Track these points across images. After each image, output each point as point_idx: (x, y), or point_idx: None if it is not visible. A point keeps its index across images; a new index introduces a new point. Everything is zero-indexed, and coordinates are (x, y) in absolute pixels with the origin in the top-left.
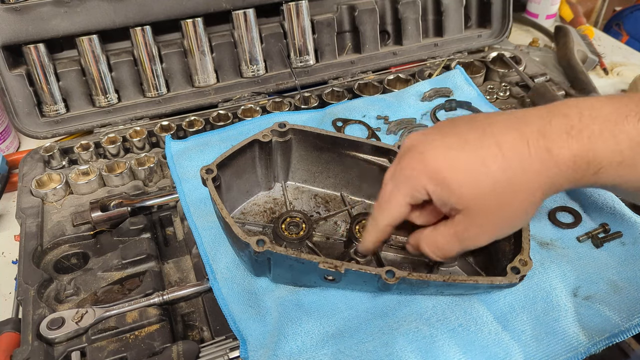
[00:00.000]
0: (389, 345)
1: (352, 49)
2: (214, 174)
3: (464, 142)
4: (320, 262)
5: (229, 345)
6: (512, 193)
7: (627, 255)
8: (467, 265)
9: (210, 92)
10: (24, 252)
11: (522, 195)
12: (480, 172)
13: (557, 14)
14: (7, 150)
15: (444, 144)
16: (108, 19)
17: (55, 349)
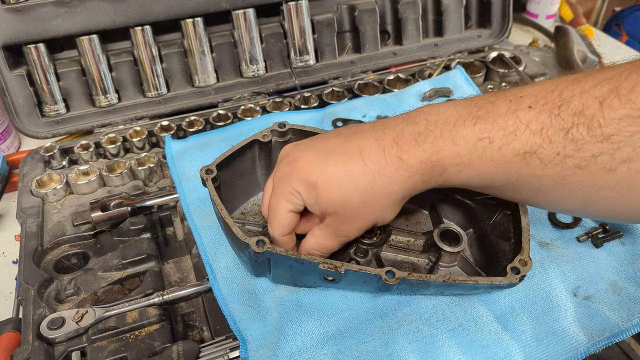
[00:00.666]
0: (389, 346)
1: (352, 49)
2: (213, 174)
3: (330, 151)
4: (320, 263)
5: (229, 345)
6: (374, 196)
7: (627, 255)
8: (467, 265)
9: (210, 92)
10: (25, 252)
11: (383, 197)
12: (344, 178)
13: (557, 14)
14: (7, 150)
15: (314, 151)
16: (108, 19)
17: (56, 348)
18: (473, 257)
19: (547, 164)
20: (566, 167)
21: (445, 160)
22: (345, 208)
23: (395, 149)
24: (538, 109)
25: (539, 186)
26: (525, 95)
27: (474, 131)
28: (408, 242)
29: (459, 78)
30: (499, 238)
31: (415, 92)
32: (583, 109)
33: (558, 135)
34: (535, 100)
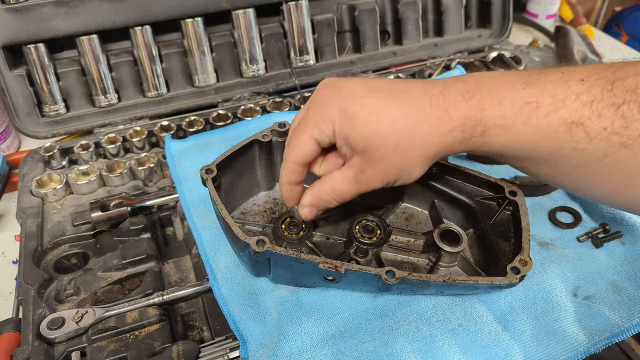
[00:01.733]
0: (389, 346)
1: (352, 48)
2: (213, 174)
3: (376, 87)
4: (320, 262)
5: (229, 345)
6: (410, 143)
7: (627, 255)
8: (467, 265)
9: (210, 92)
10: (24, 252)
11: (419, 147)
12: (385, 116)
13: (557, 14)
14: (7, 150)
15: (360, 84)
16: (108, 19)
17: (56, 348)
18: (473, 257)
19: (592, 139)
20: (611, 143)
21: (489, 120)
22: (377, 148)
23: (441, 100)
24: (591, 82)
25: (578, 162)
26: (578, 70)
27: (523, 94)
28: (408, 242)
29: None
30: (499, 238)
31: None
32: (636, 87)
33: (608, 110)
34: (589, 74)
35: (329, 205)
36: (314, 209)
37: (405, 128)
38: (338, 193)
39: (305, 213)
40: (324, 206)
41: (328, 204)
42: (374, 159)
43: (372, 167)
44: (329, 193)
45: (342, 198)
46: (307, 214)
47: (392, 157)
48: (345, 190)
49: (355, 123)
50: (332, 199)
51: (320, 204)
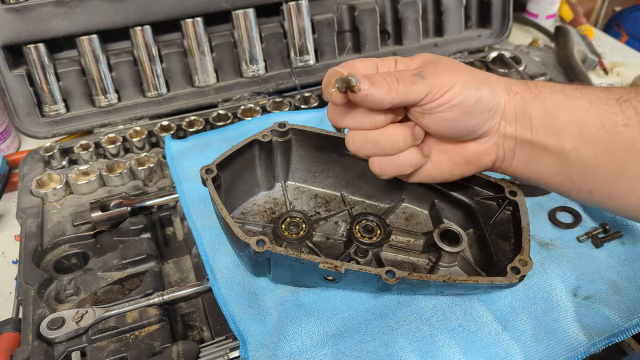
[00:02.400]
0: (389, 346)
1: (352, 48)
2: (213, 174)
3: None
4: (320, 262)
5: (229, 345)
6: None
7: (627, 255)
8: (467, 265)
9: (210, 92)
10: (24, 252)
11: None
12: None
13: (557, 14)
14: (7, 150)
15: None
16: (108, 19)
17: (56, 348)
18: (473, 257)
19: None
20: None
21: (543, 88)
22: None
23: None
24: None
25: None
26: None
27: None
28: (408, 242)
29: None
30: (499, 238)
31: None
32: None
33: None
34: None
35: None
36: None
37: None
38: (398, 74)
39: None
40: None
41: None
42: (440, 62)
43: (439, 65)
44: (390, 72)
45: (400, 78)
46: (359, 78)
47: (460, 65)
48: (404, 74)
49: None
50: (392, 76)
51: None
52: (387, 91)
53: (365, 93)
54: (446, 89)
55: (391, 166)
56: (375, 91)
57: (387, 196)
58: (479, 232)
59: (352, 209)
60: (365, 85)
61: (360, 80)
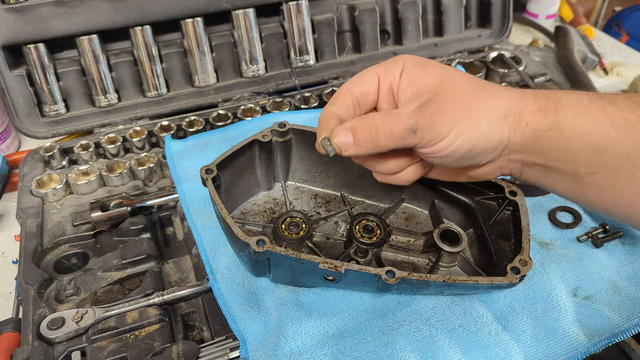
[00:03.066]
0: (389, 346)
1: (352, 48)
2: (213, 174)
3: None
4: (320, 262)
5: (229, 345)
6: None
7: (627, 255)
8: (467, 265)
9: (210, 92)
10: (24, 252)
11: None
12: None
13: (557, 14)
14: (7, 150)
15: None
16: (108, 19)
17: (56, 349)
18: (473, 257)
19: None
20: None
21: (562, 97)
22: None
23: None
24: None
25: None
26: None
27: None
28: (408, 242)
29: None
30: (499, 238)
31: None
32: None
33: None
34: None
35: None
36: (349, 137)
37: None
38: (388, 126)
39: (340, 139)
40: (364, 137)
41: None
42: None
43: (439, 105)
44: (380, 122)
45: (390, 134)
46: (341, 140)
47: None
48: (396, 127)
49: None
50: (380, 131)
51: (362, 133)
52: (371, 148)
53: (350, 153)
54: (437, 141)
55: (390, 181)
56: (358, 149)
57: (387, 196)
58: (479, 232)
59: (352, 209)
60: (347, 144)
61: (341, 140)
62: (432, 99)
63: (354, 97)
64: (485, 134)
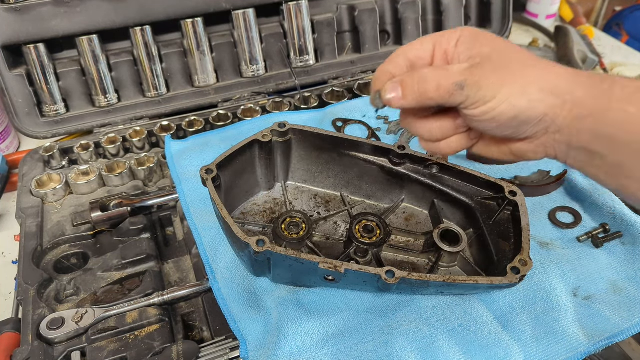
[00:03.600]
0: (389, 345)
1: (352, 49)
2: (213, 174)
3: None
4: (320, 262)
5: (229, 345)
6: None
7: (627, 255)
8: (467, 265)
9: (210, 92)
10: (24, 252)
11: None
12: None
13: (557, 14)
14: (7, 150)
15: None
16: (108, 19)
17: (55, 349)
18: (473, 257)
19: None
20: None
21: (617, 82)
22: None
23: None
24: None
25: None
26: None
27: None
28: (408, 242)
29: None
30: (499, 238)
31: None
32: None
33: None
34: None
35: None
36: (399, 91)
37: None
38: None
39: (390, 93)
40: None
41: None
42: (494, 63)
43: (489, 69)
44: (430, 75)
45: (437, 87)
46: (391, 94)
47: (514, 67)
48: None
49: (484, 35)
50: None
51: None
52: (418, 100)
53: (396, 105)
54: (481, 103)
55: (433, 149)
56: (404, 102)
57: (387, 196)
58: (479, 232)
59: (352, 209)
60: (395, 96)
61: (389, 93)
62: (482, 64)
63: (409, 59)
64: (529, 104)
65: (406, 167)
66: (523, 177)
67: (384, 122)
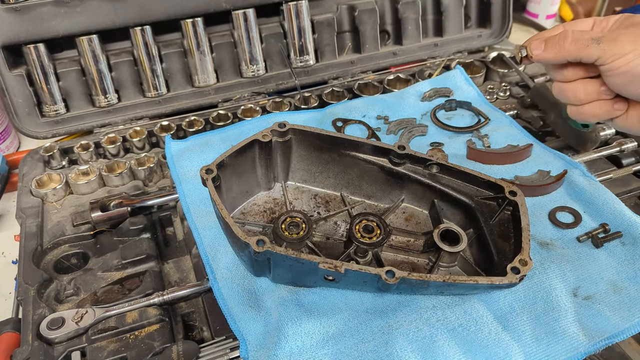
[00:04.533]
0: (389, 345)
1: (352, 49)
2: (214, 174)
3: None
4: (320, 262)
5: (229, 345)
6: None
7: (627, 255)
8: (467, 265)
9: (210, 92)
10: (24, 252)
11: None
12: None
13: (557, 14)
14: (7, 150)
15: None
16: (108, 19)
17: (55, 349)
18: (473, 257)
19: None
20: None
21: None
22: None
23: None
24: None
25: None
26: None
27: None
28: (408, 242)
29: (458, 78)
30: (499, 238)
31: (415, 92)
32: None
33: None
34: None
35: (557, 45)
36: (542, 45)
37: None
38: (576, 34)
39: (534, 45)
40: (553, 43)
41: (558, 43)
42: (634, 26)
43: (626, 30)
44: (571, 30)
45: (575, 39)
46: (534, 46)
47: None
48: (582, 36)
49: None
50: (568, 37)
51: (552, 40)
52: (555, 53)
53: (537, 58)
54: (616, 57)
55: (576, 114)
56: (545, 54)
57: (387, 196)
58: (479, 232)
59: (352, 209)
60: (538, 52)
61: (533, 48)
62: (624, 28)
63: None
64: None
65: (406, 167)
66: (523, 177)
67: (384, 122)
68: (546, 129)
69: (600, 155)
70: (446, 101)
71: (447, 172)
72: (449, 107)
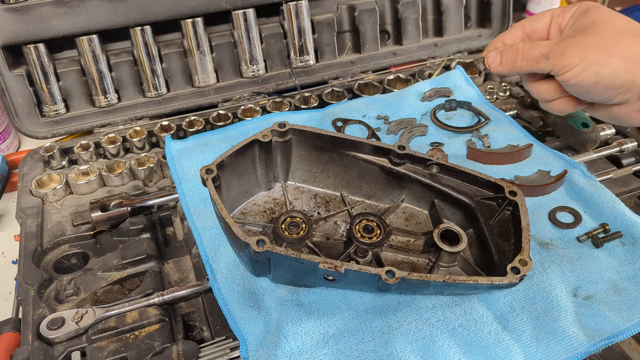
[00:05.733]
0: (389, 345)
1: (352, 49)
2: (214, 174)
3: None
4: (320, 262)
5: (229, 345)
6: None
7: (627, 255)
8: (467, 265)
9: (210, 92)
10: (24, 252)
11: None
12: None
13: None
14: (7, 150)
15: None
16: (108, 19)
17: (55, 349)
18: (473, 257)
19: None
20: None
21: None
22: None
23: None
24: None
25: None
26: None
27: None
28: (408, 242)
29: (458, 78)
30: (499, 238)
31: (415, 92)
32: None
33: None
34: None
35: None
36: (497, 58)
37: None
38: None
39: (490, 59)
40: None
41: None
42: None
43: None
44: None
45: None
46: (490, 59)
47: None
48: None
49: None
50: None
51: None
52: (510, 68)
53: (495, 71)
54: (565, 70)
55: (547, 109)
56: (501, 68)
57: (387, 196)
58: (479, 232)
59: (352, 209)
60: (494, 65)
61: (490, 62)
62: (574, 36)
63: (525, 31)
64: (612, 72)
65: (406, 167)
66: (523, 177)
67: (384, 122)
68: (546, 129)
69: (600, 155)
70: (446, 101)
71: (447, 172)
72: (449, 107)
